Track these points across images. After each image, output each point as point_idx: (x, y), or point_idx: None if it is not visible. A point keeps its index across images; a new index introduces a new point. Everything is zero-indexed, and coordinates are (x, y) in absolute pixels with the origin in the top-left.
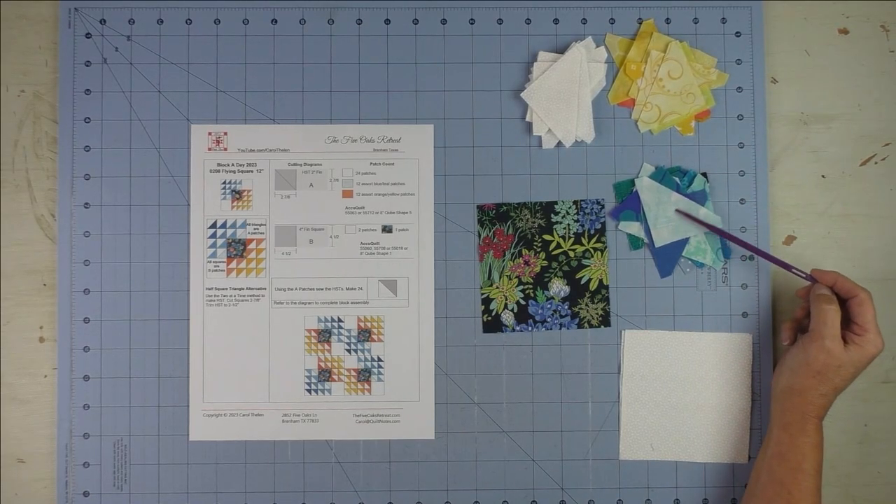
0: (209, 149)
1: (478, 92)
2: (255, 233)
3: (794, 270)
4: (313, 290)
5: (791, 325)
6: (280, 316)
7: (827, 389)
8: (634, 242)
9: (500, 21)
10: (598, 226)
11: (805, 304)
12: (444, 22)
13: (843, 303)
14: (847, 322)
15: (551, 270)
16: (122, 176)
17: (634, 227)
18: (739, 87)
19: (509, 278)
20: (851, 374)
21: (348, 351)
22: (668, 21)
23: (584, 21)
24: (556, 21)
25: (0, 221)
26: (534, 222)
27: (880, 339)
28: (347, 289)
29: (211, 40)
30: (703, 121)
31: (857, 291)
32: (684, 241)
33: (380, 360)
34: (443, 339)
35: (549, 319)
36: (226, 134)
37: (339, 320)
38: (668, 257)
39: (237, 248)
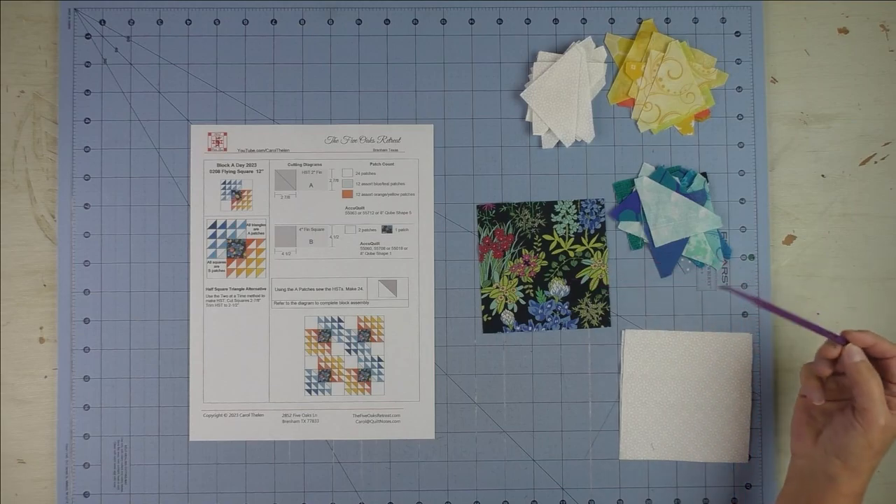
0: (209, 149)
1: (477, 92)
2: (255, 233)
3: (825, 333)
4: (313, 290)
5: (819, 384)
6: (280, 316)
7: (878, 462)
8: (634, 242)
9: (499, 21)
10: (598, 226)
11: (827, 365)
12: (443, 22)
13: (876, 361)
14: (885, 383)
15: (551, 270)
16: (122, 176)
17: (634, 227)
18: (739, 87)
19: (509, 278)
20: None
21: (348, 351)
22: (667, 21)
23: (584, 21)
24: (555, 21)
25: (0, 222)
26: (534, 222)
27: None
28: (347, 289)
29: (211, 40)
30: (702, 120)
31: (895, 351)
32: (684, 241)
33: (380, 360)
34: (443, 339)
35: (549, 319)
36: (226, 134)
37: (339, 320)
38: (668, 257)
39: (237, 249)
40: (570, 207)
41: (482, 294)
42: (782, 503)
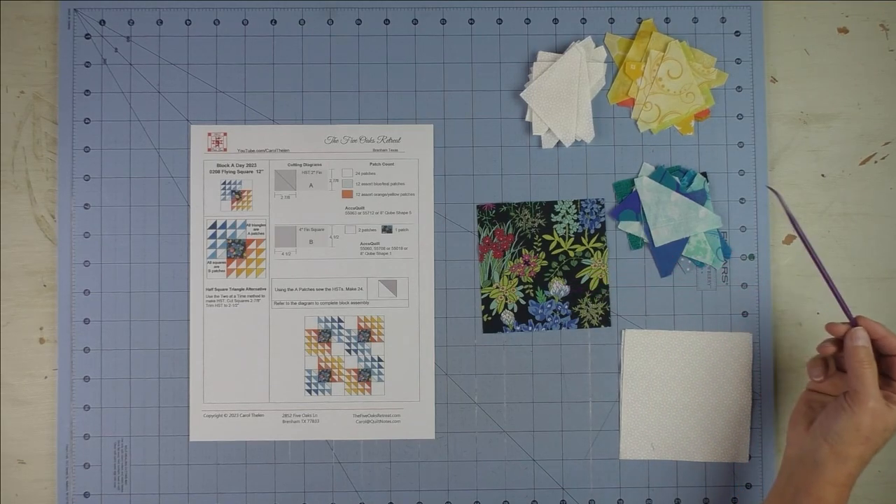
0: (209, 149)
1: (477, 92)
2: (254, 233)
3: (842, 305)
4: (313, 290)
5: (822, 362)
6: (280, 316)
7: (870, 455)
8: (634, 242)
9: (499, 21)
10: (598, 225)
11: (832, 344)
12: (443, 22)
13: (880, 357)
14: (886, 378)
15: (551, 270)
16: (122, 177)
17: (634, 227)
18: (739, 87)
19: (509, 278)
20: (890, 437)
21: (348, 351)
22: (667, 20)
23: (584, 21)
24: (555, 21)
25: (0, 222)
26: (534, 222)
27: None
28: (347, 289)
29: (210, 41)
30: (702, 120)
31: None
32: (684, 241)
33: (380, 360)
34: (443, 339)
35: (549, 319)
36: (225, 134)
37: (339, 320)
38: (668, 257)
39: (237, 249)
40: (570, 207)
41: (482, 294)
42: (772, 496)
